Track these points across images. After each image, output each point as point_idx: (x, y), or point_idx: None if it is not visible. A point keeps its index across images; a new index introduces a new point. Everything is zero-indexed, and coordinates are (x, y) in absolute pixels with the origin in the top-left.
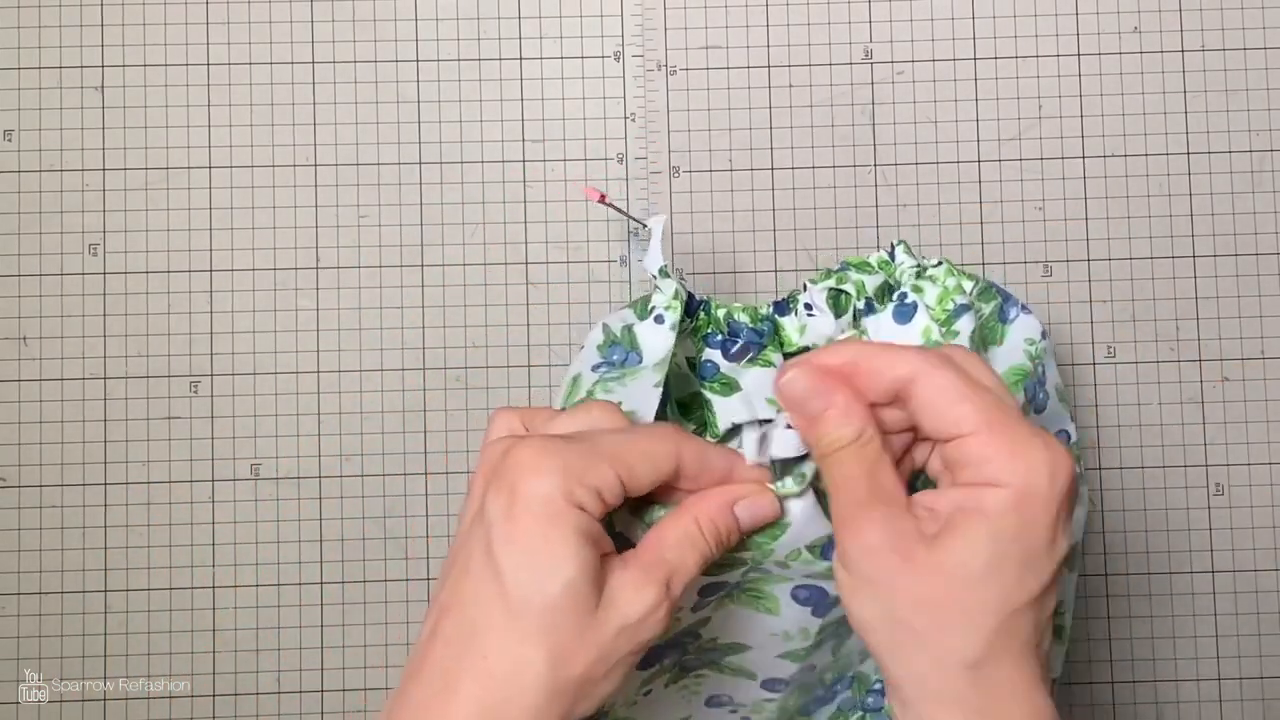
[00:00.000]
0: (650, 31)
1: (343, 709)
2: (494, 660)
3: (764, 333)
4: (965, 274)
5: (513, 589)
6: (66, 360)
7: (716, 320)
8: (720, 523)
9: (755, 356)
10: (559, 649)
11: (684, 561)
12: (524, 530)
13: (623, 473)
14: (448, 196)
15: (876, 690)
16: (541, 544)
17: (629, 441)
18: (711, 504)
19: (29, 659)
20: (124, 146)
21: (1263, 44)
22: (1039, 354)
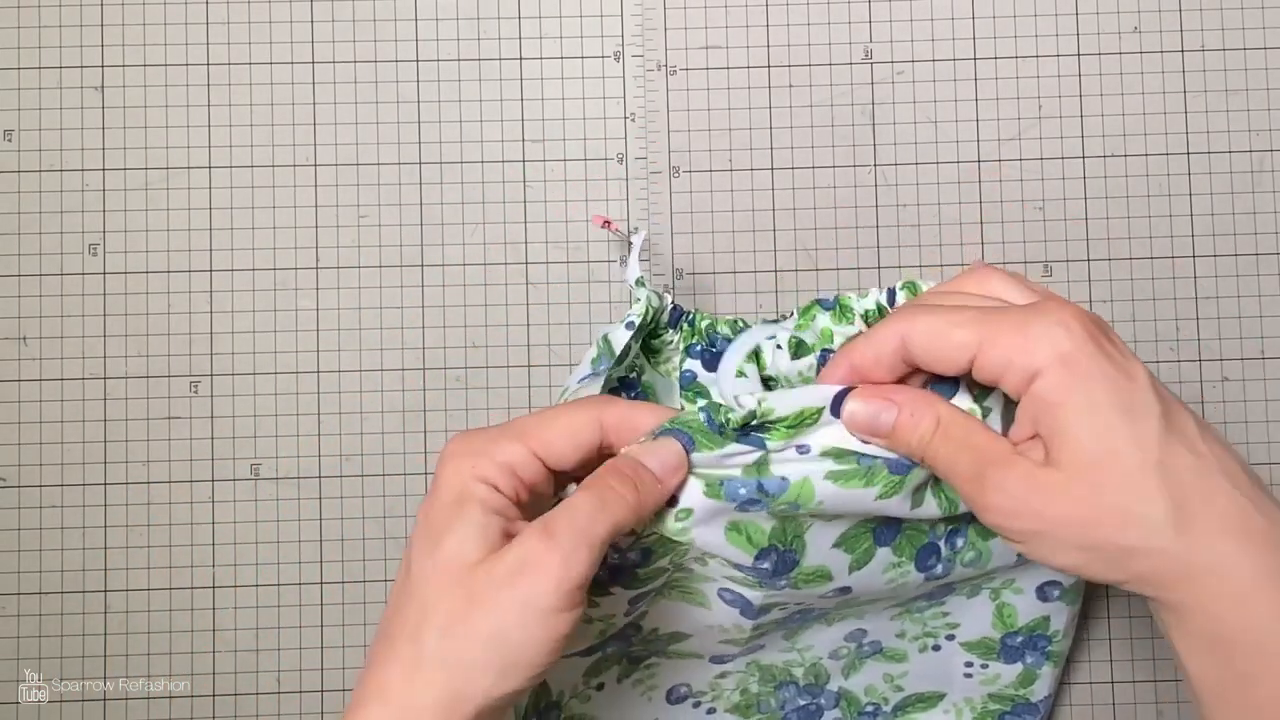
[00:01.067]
0: (650, 31)
1: (343, 709)
2: (396, 640)
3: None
4: None
5: (415, 566)
6: (66, 360)
7: (700, 331)
8: (620, 463)
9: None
10: (448, 610)
11: (571, 504)
12: (433, 515)
13: (537, 448)
14: (448, 196)
15: (868, 712)
16: (441, 519)
17: (545, 417)
18: (619, 457)
19: (29, 659)
20: (124, 146)
21: (1263, 44)
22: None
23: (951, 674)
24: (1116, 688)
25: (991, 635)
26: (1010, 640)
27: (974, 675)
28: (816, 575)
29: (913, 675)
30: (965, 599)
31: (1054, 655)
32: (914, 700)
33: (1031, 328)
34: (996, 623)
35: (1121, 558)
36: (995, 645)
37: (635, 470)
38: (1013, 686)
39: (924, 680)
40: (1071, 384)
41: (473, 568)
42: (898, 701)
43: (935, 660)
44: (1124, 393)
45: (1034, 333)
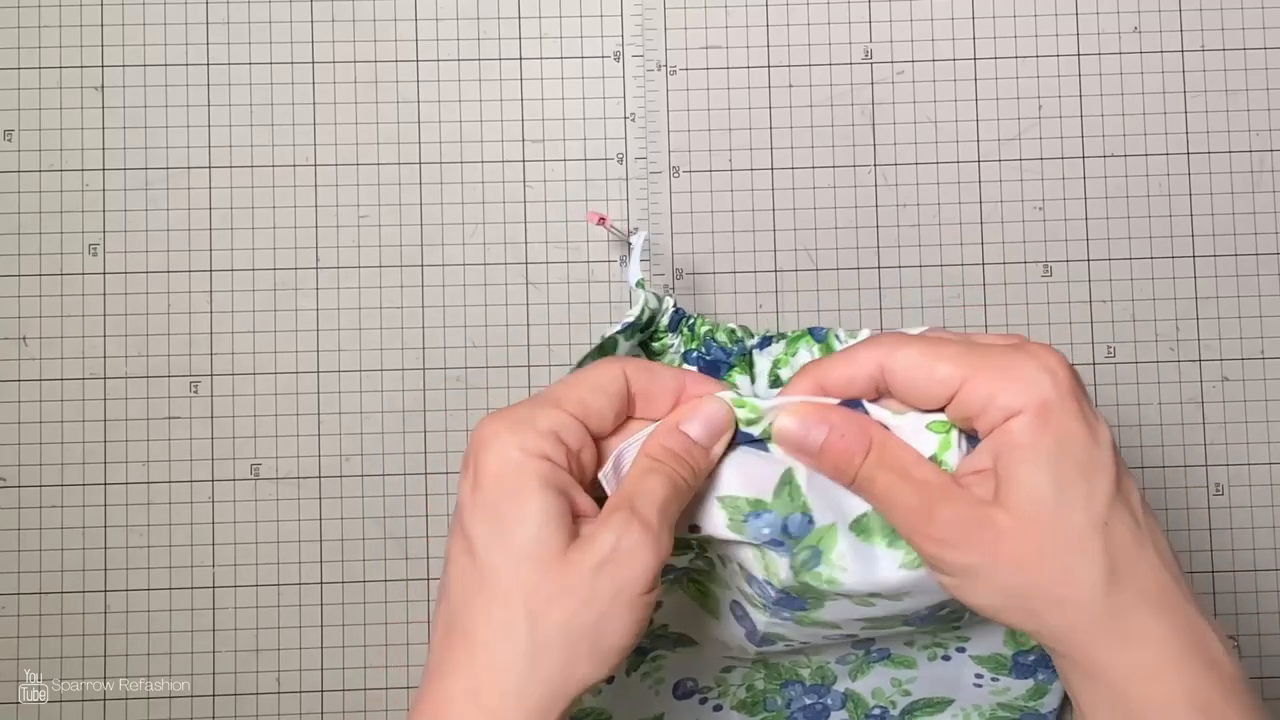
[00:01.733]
0: (650, 31)
1: (343, 709)
2: (478, 633)
3: (731, 353)
4: None
5: (483, 555)
6: (66, 360)
7: (698, 337)
8: (671, 442)
9: (723, 375)
10: (535, 602)
11: (646, 487)
12: (488, 497)
13: (575, 409)
14: (448, 196)
15: (875, 715)
16: (504, 502)
17: (575, 380)
18: (659, 430)
19: (29, 659)
20: (124, 146)
21: (1263, 44)
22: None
23: (961, 682)
24: None
25: (1003, 652)
26: (1022, 659)
27: (984, 686)
28: (823, 624)
29: (921, 681)
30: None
31: None
32: (922, 705)
33: (1017, 369)
34: (1009, 641)
35: (1047, 609)
36: (1007, 662)
37: (688, 449)
38: (1023, 699)
39: (932, 686)
40: (1044, 430)
41: (560, 556)
42: (905, 706)
43: (945, 669)
44: (1088, 450)
45: (1019, 374)
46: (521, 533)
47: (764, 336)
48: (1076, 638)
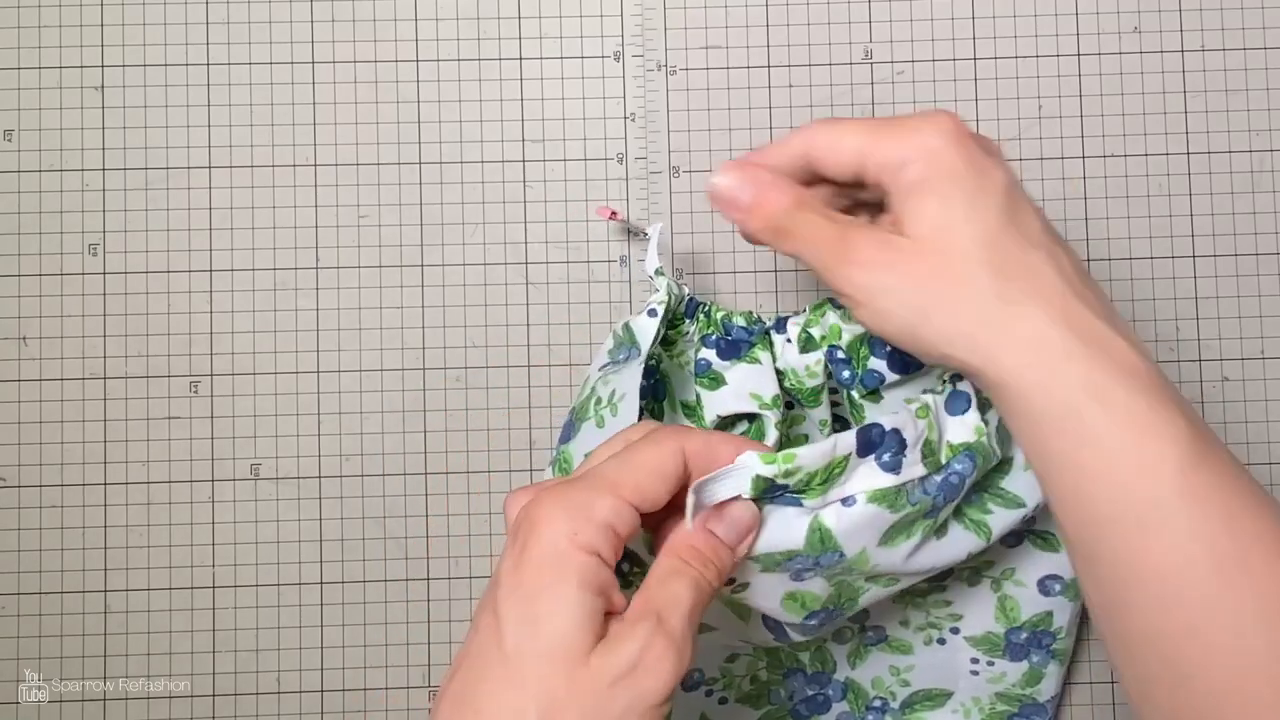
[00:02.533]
0: (650, 31)
1: (343, 709)
2: (486, 712)
3: (753, 332)
4: None
5: (509, 638)
6: (66, 360)
7: (715, 323)
8: (699, 542)
9: (743, 354)
10: (550, 700)
11: (673, 593)
12: (526, 581)
13: (631, 496)
14: (448, 196)
15: (876, 707)
16: (541, 592)
17: (630, 459)
18: (687, 532)
19: (29, 659)
20: (124, 146)
21: (1263, 44)
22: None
23: (958, 671)
24: (1117, 688)
25: (995, 630)
26: (1015, 637)
27: (980, 673)
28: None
29: (919, 669)
30: (966, 586)
31: (1059, 653)
32: (921, 698)
33: (910, 129)
34: (999, 616)
35: (945, 317)
36: (1000, 641)
37: (716, 551)
38: (1019, 685)
39: (930, 675)
40: (932, 169)
41: (583, 660)
42: (905, 698)
43: (941, 655)
44: (975, 180)
45: (912, 132)
46: (551, 628)
47: (779, 318)
48: (977, 342)
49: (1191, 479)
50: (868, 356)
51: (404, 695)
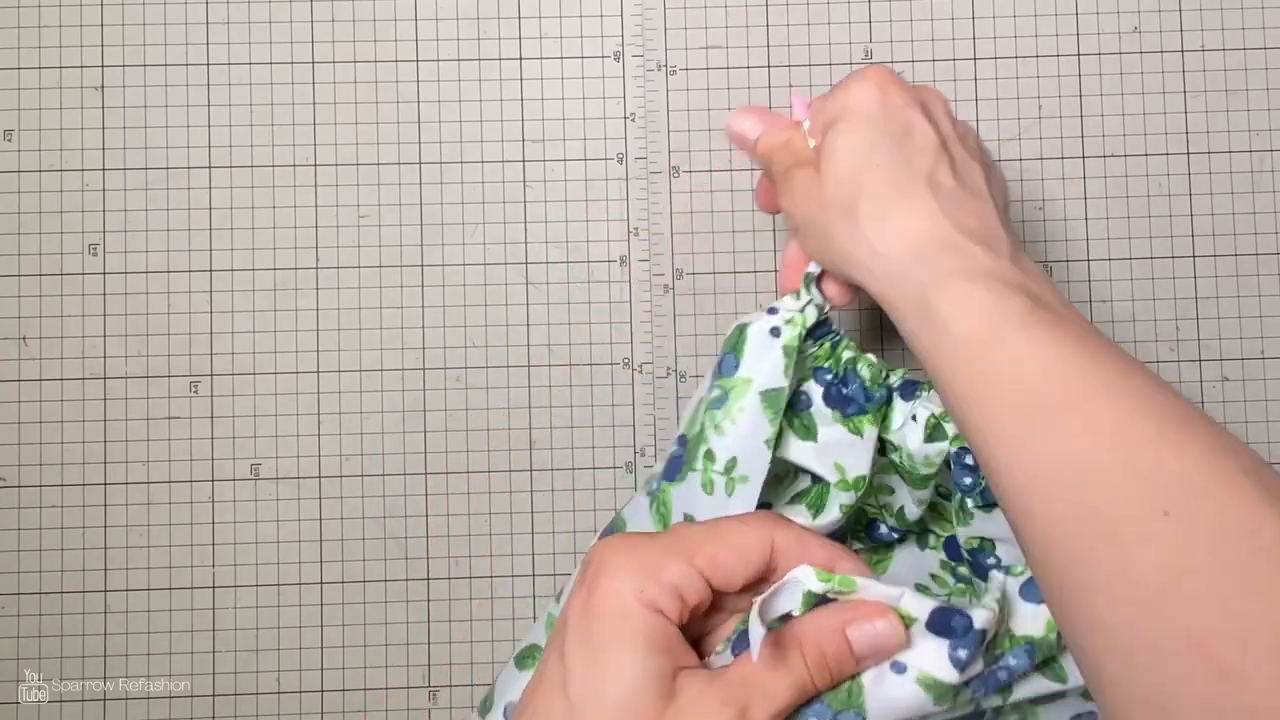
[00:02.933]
0: (650, 31)
1: (343, 709)
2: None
3: (873, 398)
4: None
5: (574, 690)
6: (66, 360)
7: (837, 359)
8: (828, 646)
9: (849, 415)
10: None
11: (771, 688)
12: (593, 631)
13: (705, 567)
14: (448, 196)
15: None
16: (608, 645)
17: (715, 533)
18: (820, 625)
19: (29, 659)
20: (124, 146)
21: (1263, 44)
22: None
23: None
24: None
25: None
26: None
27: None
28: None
29: None
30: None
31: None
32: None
33: (845, 86)
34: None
35: (839, 244)
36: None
37: (840, 663)
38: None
39: None
40: (847, 115)
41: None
42: None
43: None
44: (880, 125)
45: (845, 87)
46: (616, 685)
47: (907, 381)
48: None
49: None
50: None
51: (404, 695)
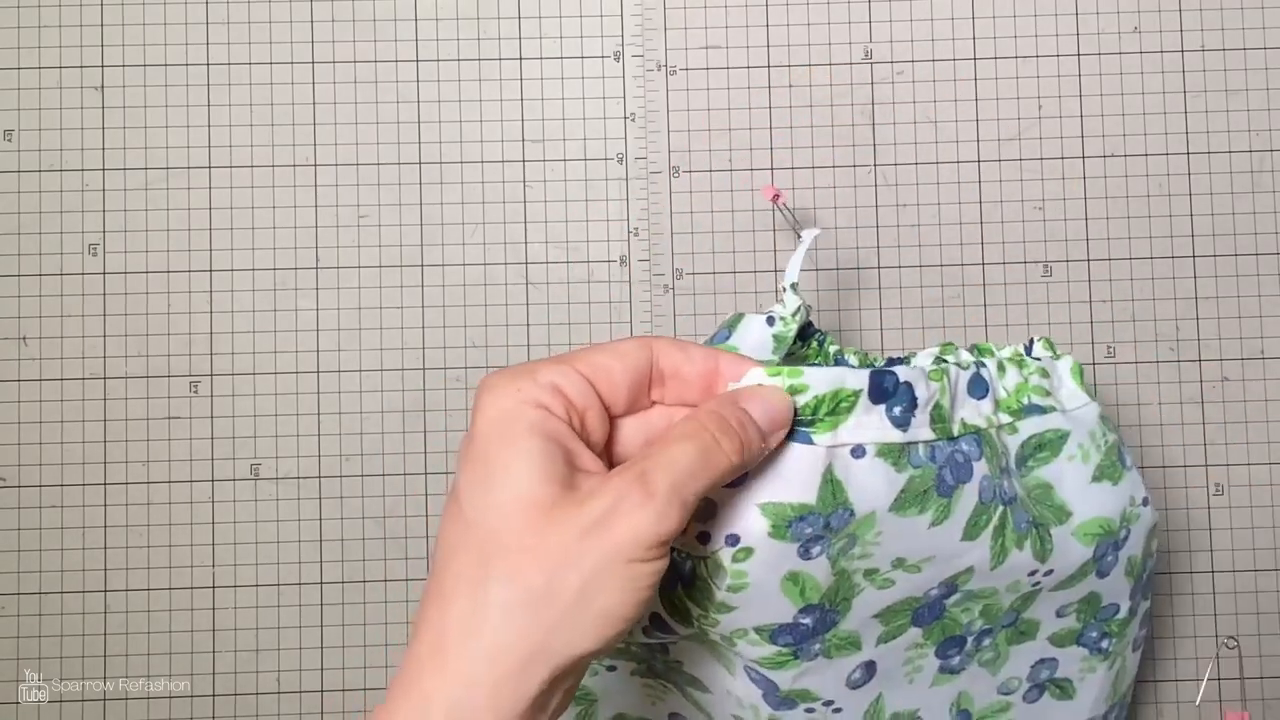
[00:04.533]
0: (650, 31)
1: (343, 709)
2: (452, 590)
3: None
4: (1085, 386)
5: (466, 508)
6: (66, 360)
7: (826, 355)
8: (727, 411)
9: None
10: (514, 557)
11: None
12: (478, 448)
13: (584, 369)
14: (448, 196)
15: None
16: (493, 451)
17: (595, 345)
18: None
19: (29, 659)
20: (124, 146)
21: (1263, 44)
22: (1133, 518)
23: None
24: None
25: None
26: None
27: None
28: (847, 642)
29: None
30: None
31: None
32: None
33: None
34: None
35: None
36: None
37: (742, 424)
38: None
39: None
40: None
41: (547, 510)
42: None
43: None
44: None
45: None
46: (508, 483)
47: (890, 359)
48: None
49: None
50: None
51: None
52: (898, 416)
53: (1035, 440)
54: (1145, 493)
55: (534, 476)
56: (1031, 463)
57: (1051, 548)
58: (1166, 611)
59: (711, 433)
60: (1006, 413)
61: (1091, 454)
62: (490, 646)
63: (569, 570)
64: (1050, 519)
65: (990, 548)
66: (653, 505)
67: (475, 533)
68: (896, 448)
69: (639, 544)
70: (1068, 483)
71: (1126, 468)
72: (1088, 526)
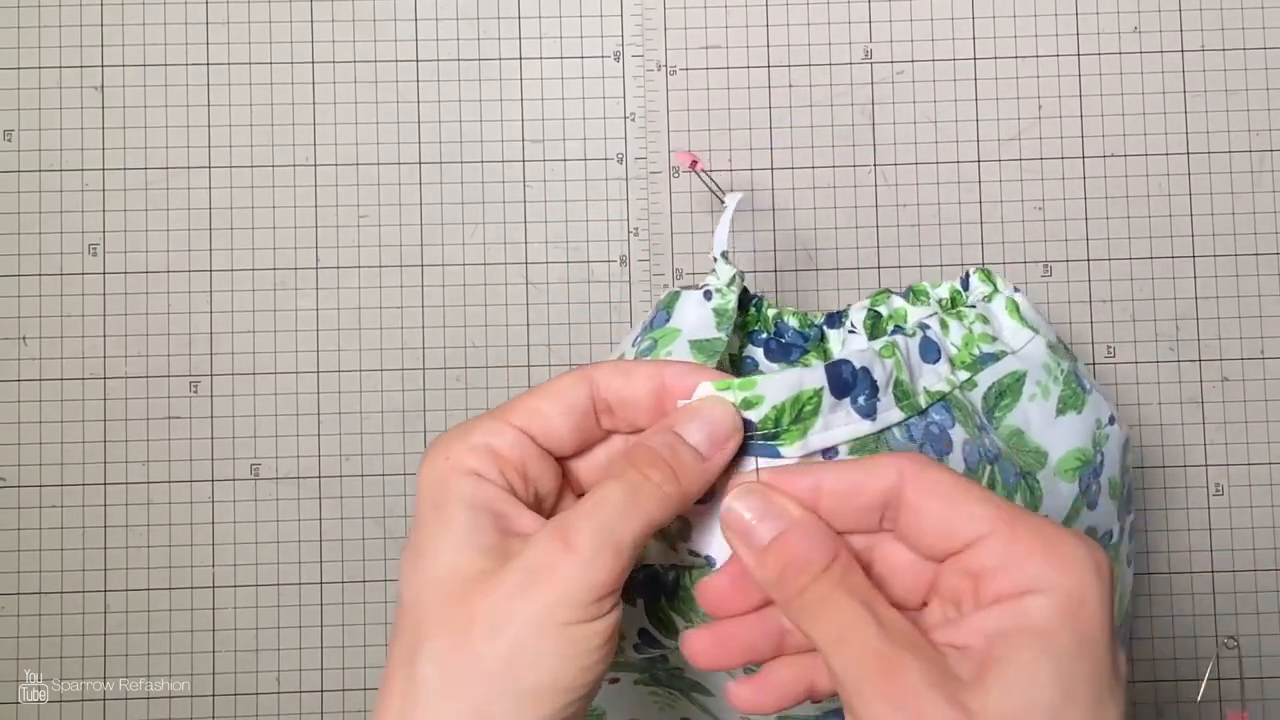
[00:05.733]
0: (650, 31)
1: (343, 709)
2: (389, 682)
3: (809, 337)
4: (1025, 321)
5: (403, 590)
6: (66, 360)
7: (765, 319)
8: (656, 442)
9: (794, 359)
10: (444, 639)
11: (593, 498)
12: (414, 521)
13: (520, 419)
14: (448, 196)
15: None
16: (422, 526)
17: (532, 390)
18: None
19: (29, 659)
20: (124, 146)
21: (1263, 44)
22: (1103, 440)
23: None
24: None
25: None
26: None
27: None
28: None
29: None
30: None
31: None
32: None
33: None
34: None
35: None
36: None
37: (673, 450)
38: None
39: None
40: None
41: (471, 581)
42: None
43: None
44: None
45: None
46: (436, 560)
47: (830, 315)
48: None
49: None
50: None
51: None
52: (863, 406)
53: (995, 389)
54: (1111, 410)
55: (460, 550)
56: (998, 413)
57: (1041, 493)
58: (1166, 611)
59: (639, 468)
60: (963, 369)
61: (1051, 388)
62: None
63: (494, 639)
64: (1032, 464)
65: None
66: (576, 558)
67: (409, 614)
68: (870, 440)
69: (570, 603)
70: (1035, 423)
71: (1087, 391)
72: (1065, 462)
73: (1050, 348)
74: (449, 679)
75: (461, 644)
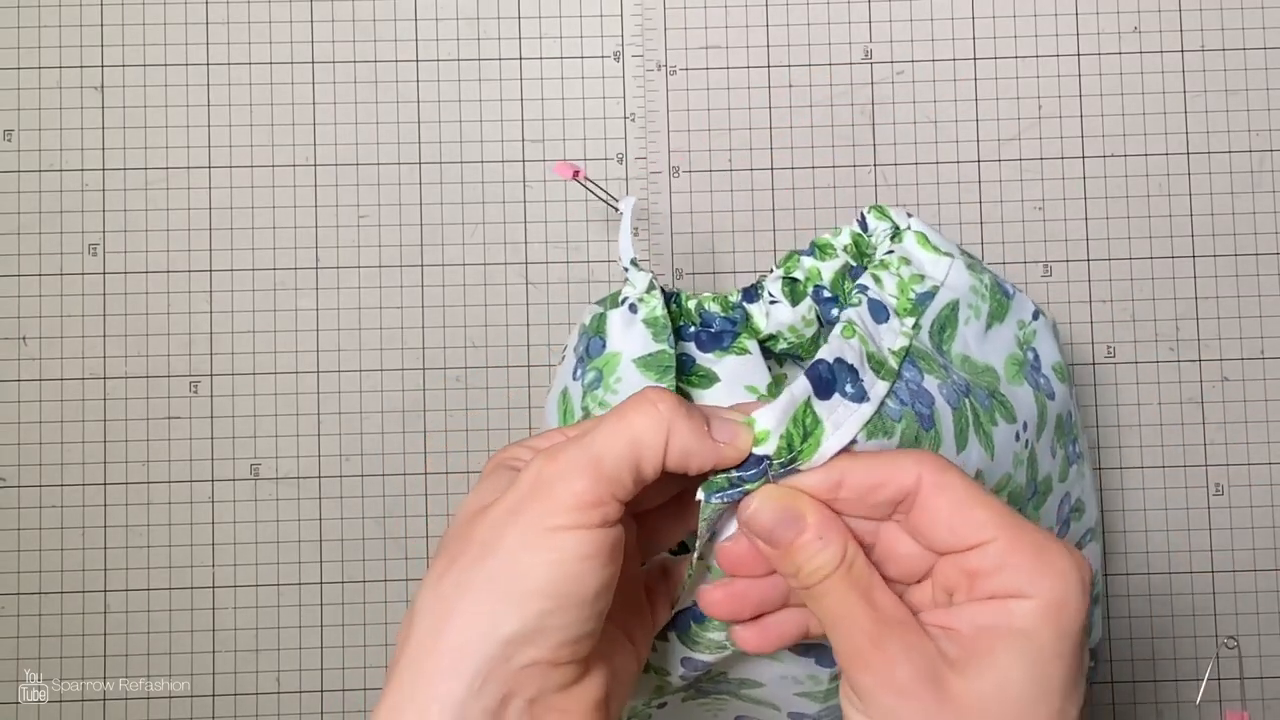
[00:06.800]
0: (650, 31)
1: (343, 709)
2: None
3: (736, 320)
4: (938, 249)
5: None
6: (66, 360)
7: (688, 312)
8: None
9: (729, 345)
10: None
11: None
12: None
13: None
14: (448, 196)
15: None
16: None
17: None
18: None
19: (29, 659)
20: (124, 146)
21: (1263, 44)
22: (1029, 338)
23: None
24: (1116, 688)
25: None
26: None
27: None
28: None
29: None
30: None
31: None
32: None
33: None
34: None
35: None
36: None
37: (688, 406)
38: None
39: None
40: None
41: (480, 511)
42: None
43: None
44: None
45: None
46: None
47: (745, 289)
48: None
49: None
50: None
51: None
52: (853, 393)
53: (936, 325)
54: (1033, 306)
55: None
56: (944, 345)
57: (1011, 405)
58: (1166, 611)
59: (645, 396)
60: (908, 316)
61: (981, 306)
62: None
63: (484, 554)
64: (991, 381)
65: (980, 442)
66: (555, 468)
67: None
68: (875, 419)
69: (554, 509)
70: (972, 344)
71: (1010, 296)
72: (1007, 371)
73: (969, 268)
74: (449, 590)
75: (457, 562)
